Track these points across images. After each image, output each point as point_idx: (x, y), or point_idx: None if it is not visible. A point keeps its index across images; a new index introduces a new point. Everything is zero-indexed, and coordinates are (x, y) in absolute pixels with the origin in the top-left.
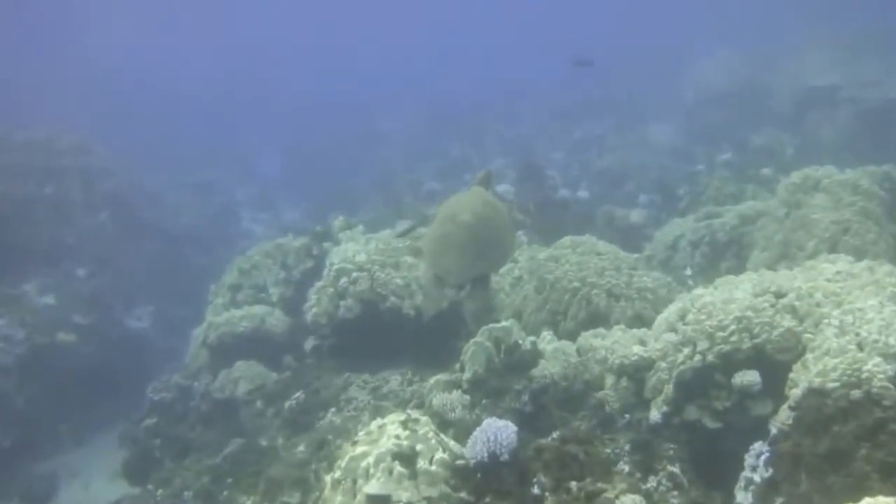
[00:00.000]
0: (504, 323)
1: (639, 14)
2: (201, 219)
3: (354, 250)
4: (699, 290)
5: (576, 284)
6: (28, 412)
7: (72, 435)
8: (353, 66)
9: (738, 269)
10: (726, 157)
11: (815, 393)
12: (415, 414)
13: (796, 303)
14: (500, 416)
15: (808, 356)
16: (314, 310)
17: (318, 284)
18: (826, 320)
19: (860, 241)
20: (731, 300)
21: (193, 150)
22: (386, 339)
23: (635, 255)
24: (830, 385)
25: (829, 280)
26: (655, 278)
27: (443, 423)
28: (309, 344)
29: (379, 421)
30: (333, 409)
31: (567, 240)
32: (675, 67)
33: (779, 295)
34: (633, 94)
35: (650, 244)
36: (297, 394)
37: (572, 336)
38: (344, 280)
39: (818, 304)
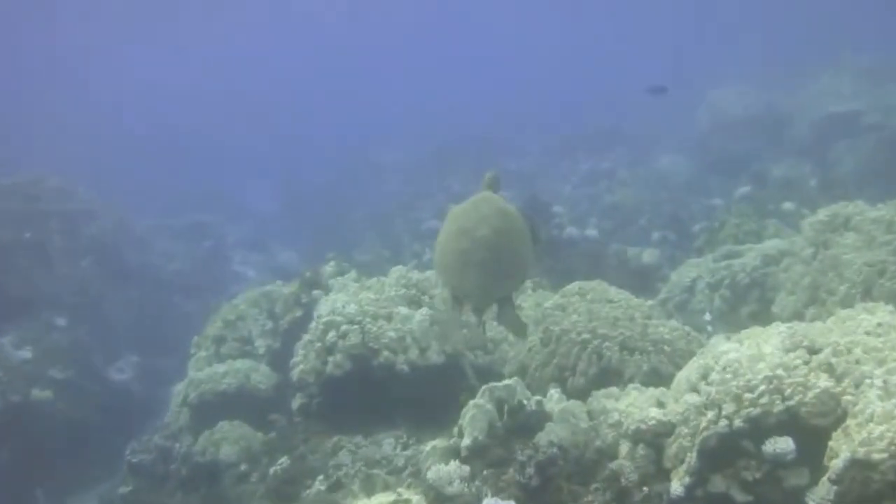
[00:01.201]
0: (507, 381)
1: (651, 41)
2: (191, 263)
3: (344, 301)
4: (723, 345)
5: (585, 336)
6: (1, 476)
7: (49, 499)
8: (353, 97)
9: (762, 315)
10: (745, 190)
11: (859, 465)
12: (406, 494)
13: (833, 360)
14: (503, 490)
15: (850, 422)
16: (300, 366)
17: (305, 339)
18: (868, 380)
19: None
20: (759, 357)
21: (186, 191)
22: (379, 398)
23: (649, 303)
24: (877, 456)
25: (868, 333)
26: (673, 328)
27: (439, 499)
28: (296, 402)
29: (365, 502)
30: (321, 477)
31: (575, 286)
32: (689, 95)
33: (813, 350)
34: (646, 124)
35: (665, 286)
36: (282, 459)
37: (582, 394)
38: (332, 334)
39: (858, 362)
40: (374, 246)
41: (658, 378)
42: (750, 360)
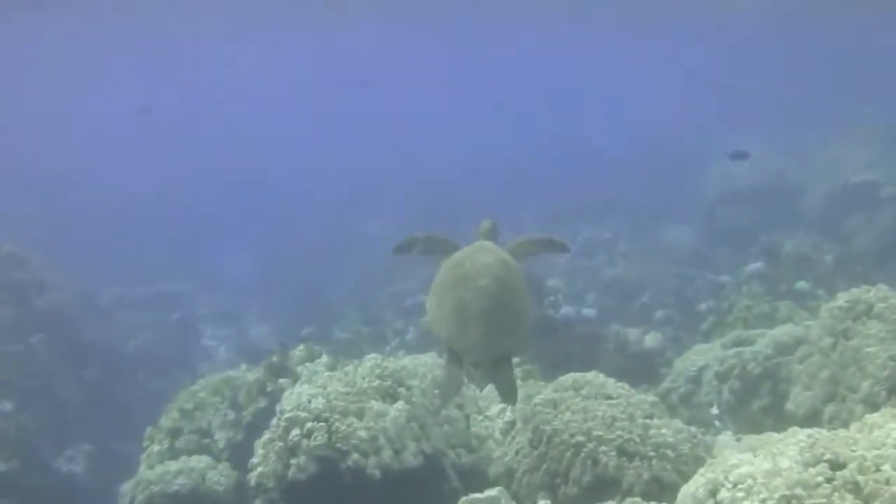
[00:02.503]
0: (490, 492)
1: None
2: (156, 336)
3: (310, 394)
4: (734, 457)
5: (579, 439)
6: None
7: None
8: (335, 160)
9: (775, 410)
10: (756, 267)
11: None
12: None
13: (859, 478)
14: None
15: None
16: (259, 468)
17: (265, 437)
18: None
19: None
20: (774, 472)
21: (156, 256)
22: None
23: (651, 399)
24: None
25: None
26: (677, 430)
27: None
28: None
29: None
30: None
31: (569, 378)
32: (695, 162)
33: (836, 465)
34: (648, 192)
35: (669, 375)
36: None
37: None
38: (296, 432)
39: (889, 481)
40: (354, 322)
41: (660, 488)
42: (765, 475)
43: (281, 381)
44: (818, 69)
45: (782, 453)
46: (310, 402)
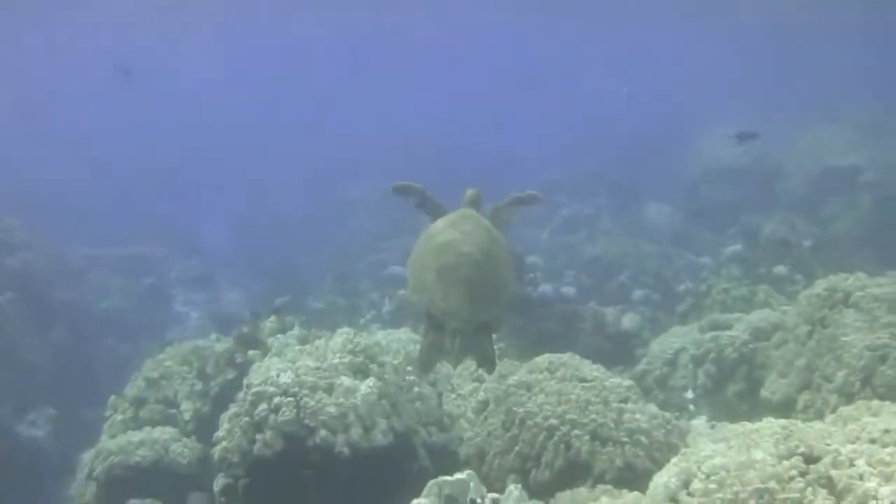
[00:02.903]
0: (459, 475)
1: (641, 82)
2: (128, 300)
3: (279, 368)
4: (708, 447)
5: (552, 422)
6: None
7: None
8: (323, 123)
9: (750, 395)
10: (735, 249)
11: None
12: None
13: (833, 472)
14: None
15: None
16: (223, 443)
17: (231, 411)
18: (873, 502)
19: None
20: (748, 464)
21: (132, 216)
22: (315, 483)
23: (626, 383)
24: None
25: (874, 441)
26: (651, 415)
27: None
28: (219, 483)
29: None
30: None
31: (544, 360)
32: (679, 139)
33: (810, 459)
34: (632, 168)
35: (646, 357)
36: None
37: (546, 490)
38: (263, 407)
39: (862, 477)
40: (331, 292)
41: (633, 474)
42: (738, 467)
43: (251, 352)
44: (804, 52)
45: (756, 444)
46: (278, 376)
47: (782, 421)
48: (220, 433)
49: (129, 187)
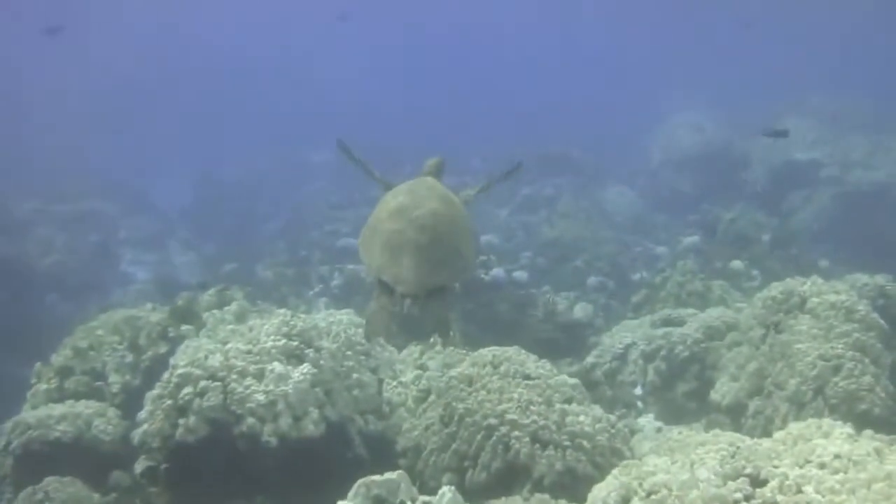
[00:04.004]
0: (390, 475)
1: (607, 63)
2: (72, 257)
3: (207, 350)
4: (650, 461)
5: (492, 421)
6: None
7: None
8: (289, 88)
9: (700, 394)
10: (692, 240)
11: None
12: None
13: (780, 498)
14: None
15: None
16: (145, 426)
17: (155, 392)
18: None
19: (854, 384)
20: (691, 483)
21: (82, 170)
22: (239, 475)
23: (571, 382)
24: None
25: (823, 466)
26: (595, 419)
27: None
28: (140, 465)
29: None
30: None
31: (488, 354)
32: (643, 122)
33: (756, 481)
34: (594, 150)
35: (595, 349)
36: None
37: (482, 493)
38: (188, 390)
39: None
40: (280, 262)
41: (572, 479)
42: (681, 486)
43: (184, 327)
44: (777, 44)
45: (702, 461)
46: (206, 358)
47: (730, 435)
48: (142, 414)
49: (83, 138)
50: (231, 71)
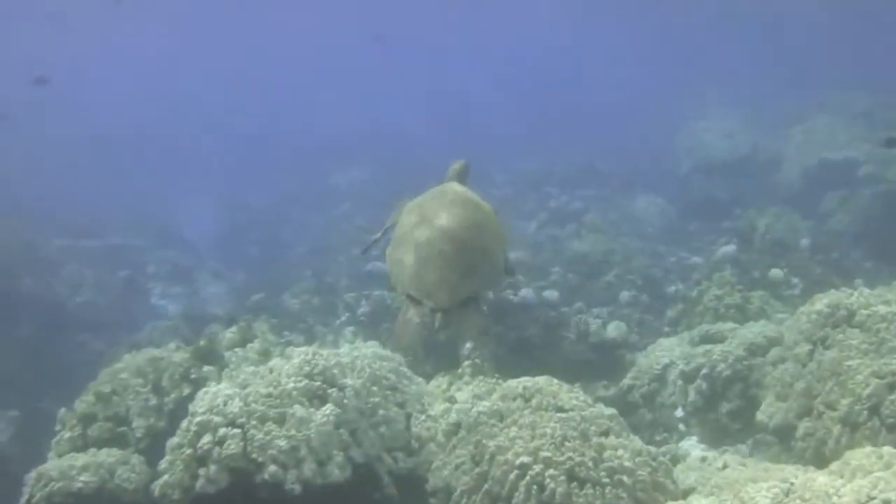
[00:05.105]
0: None
1: (631, 67)
2: (102, 294)
3: (226, 395)
4: (696, 502)
5: (525, 460)
6: None
7: None
8: (312, 107)
9: (744, 415)
10: (728, 250)
11: None
12: None
13: None
14: None
15: None
16: (165, 477)
17: (174, 441)
18: None
19: None
20: None
21: (111, 205)
22: None
23: (608, 412)
24: None
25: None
26: (635, 451)
27: None
28: None
29: None
30: None
31: (518, 385)
32: (670, 128)
33: None
34: (619, 159)
35: (633, 367)
36: None
37: None
38: (207, 439)
39: None
40: (307, 289)
41: None
42: None
43: (206, 368)
44: (798, 41)
45: (753, 499)
46: (225, 404)
47: (781, 470)
48: (162, 464)
49: (109, 169)
50: (250, 96)
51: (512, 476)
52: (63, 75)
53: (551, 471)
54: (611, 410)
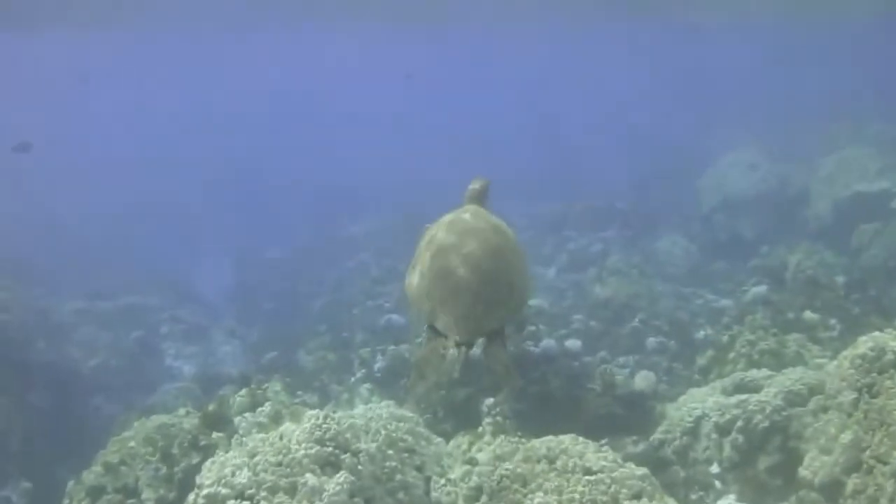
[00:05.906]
0: None
1: (648, 103)
2: (115, 357)
3: (234, 465)
4: None
5: None
6: None
7: None
8: (326, 156)
9: (785, 470)
10: (759, 291)
11: None
12: None
13: None
14: None
15: None
16: None
17: None
18: None
19: None
20: None
21: (121, 268)
22: None
23: (639, 472)
24: None
25: None
26: None
27: None
28: None
29: None
30: None
31: (542, 446)
32: (692, 164)
33: None
34: (642, 198)
35: (663, 421)
36: None
37: None
38: None
39: None
40: (322, 344)
41: None
42: None
43: (215, 435)
44: (822, 70)
45: None
46: (233, 474)
47: None
48: None
49: (119, 231)
50: (262, 148)
51: None
52: (67, 140)
53: None
54: (642, 470)
